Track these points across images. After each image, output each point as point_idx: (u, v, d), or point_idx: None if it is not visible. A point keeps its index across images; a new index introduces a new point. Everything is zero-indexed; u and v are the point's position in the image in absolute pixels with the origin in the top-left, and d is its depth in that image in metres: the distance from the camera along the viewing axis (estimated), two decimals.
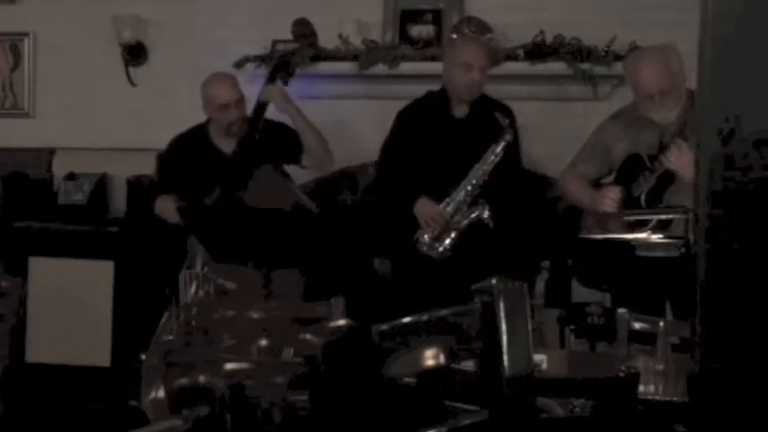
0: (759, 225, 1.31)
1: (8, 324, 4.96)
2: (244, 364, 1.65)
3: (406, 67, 4.89)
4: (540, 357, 2.51)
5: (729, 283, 1.33)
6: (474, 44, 4.33)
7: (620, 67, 4.49)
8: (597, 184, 4.12)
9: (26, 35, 5.59)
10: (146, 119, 5.29)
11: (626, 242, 3.35)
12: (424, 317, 1.58)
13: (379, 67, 4.90)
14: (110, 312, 4.93)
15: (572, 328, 3.66)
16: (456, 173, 4.16)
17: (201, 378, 1.79)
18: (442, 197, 4.16)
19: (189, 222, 4.07)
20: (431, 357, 1.57)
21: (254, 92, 4.34)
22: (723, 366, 1.34)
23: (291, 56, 4.56)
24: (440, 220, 4.14)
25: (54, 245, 5.02)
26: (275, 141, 4.24)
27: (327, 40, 4.94)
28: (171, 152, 4.45)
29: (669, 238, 3.27)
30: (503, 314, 1.57)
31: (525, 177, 4.46)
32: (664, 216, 3.60)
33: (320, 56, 4.93)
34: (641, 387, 2.30)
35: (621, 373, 2.09)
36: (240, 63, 5.01)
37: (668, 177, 3.84)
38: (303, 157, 4.34)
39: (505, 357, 1.55)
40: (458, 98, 4.22)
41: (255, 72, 4.90)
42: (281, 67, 4.40)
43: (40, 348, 5.01)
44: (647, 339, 3.00)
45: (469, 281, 1.66)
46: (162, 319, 2.46)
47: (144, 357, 2.22)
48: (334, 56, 4.94)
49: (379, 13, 5.08)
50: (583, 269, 3.78)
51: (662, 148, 3.85)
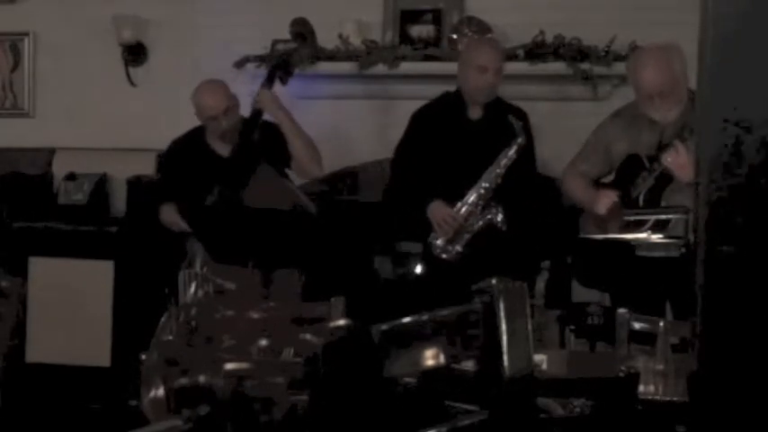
0: (759, 225, 1.31)
1: (8, 324, 4.95)
2: (244, 364, 1.65)
3: (406, 67, 4.89)
4: (540, 357, 2.51)
5: (729, 282, 1.33)
6: (488, 46, 4.33)
7: (620, 67, 4.49)
8: (597, 183, 4.12)
9: (26, 35, 5.59)
10: (146, 119, 5.29)
11: (626, 242, 3.35)
12: (424, 317, 1.58)
13: (379, 68, 4.90)
14: (110, 312, 4.93)
15: (572, 328, 3.67)
16: (470, 175, 4.16)
17: (201, 378, 1.79)
18: (456, 199, 4.16)
19: (189, 223, 4.07)
20: (431, 357, 1.57)
21: (254, 92, 4.34)
22: (723, 366, 1.34)
23: (289, 56, 4.56)
24: (453, 222, 4.14)
25: (54, 245, 5.02)
26: (273, 143, 4.24)
27: (327, 40, 4.94)
28: (169, 156, 4.48)
29: (669, 238, 3.27)
30: (503, 314, 1.57)
31: (539, 180, 4.46)
32: (663, 216, 3.60)
33: (319, 56, 4.93)
34: (641, 387, 2.30)
35: (621, 373, 2.09)
36: (240, 63, 5.01)
37: (666, 178, 3.84)
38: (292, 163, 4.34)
39: (505, 357, 1.55)
40: (473, 100, 4.23)
41: (255, 72, 4.90)
42: (278, 67, 4.40)
43: (40, 348, 5.01)
44: (647, 339, 3.00)
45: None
46: (162, 320, 2.45)
47: (144, 357, 2.22)
48: (333, 56, 4.94)
49: (379, 13, 5.08)
50: (583, 269, 3.78)
51: (660, 149, 3.85)
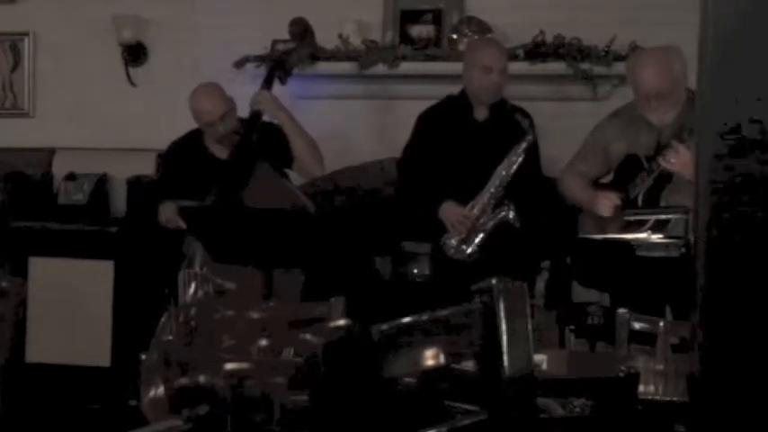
0: (759, 225, 1.31)
1: (8, 324, 4.95)
2: (244, 364, 1.65)
3: (406, 67, 4.89)
4: (540, 357, 2.51)
5: (729, 282, 1.33)
6: (493, 46, 4.34)
7: (620, 67, 4.50)
8: (596, 184, 4.12)
9: (26, 35, 5.59)
10: (146, 119, 5.29)
11: (626, 242, 3.35)
12: (424, 317, 1.58)
13: (379, 68, 4.90)
14: (110, 312, 4.93)
15: (572, 328, 3.67)
16: (478, 176, 4.16)
17: (201, 378, 1.79)
18: (464, 200, 4.17)
19: (188, 224, 4.07)
20: (431, 357, 1.57)
21: (253, 92, 4.34)
22: (723, 366, 1.34)
23: (288, 56, 4.56)
24: (466, 222, 4.14)
25: (54, 245, 5.01)
26: (271, 145, 4.24)
27: (327, 40, 4.94)
28: (167, 157, 4.49)
29: (669, 238, 3.27)
30: (503, 314, 1.57)
31: (545, 179, 4.47)
32: (663, 216, 3.60)
33: (319, 56, 4.93)
34: (641, 387, 2.30)
35: (621, 373, 2.09)
36: (240, 63, 5.01)
37: (665, 178, 3.84)
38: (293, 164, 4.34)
39: (505, 357, 1.55)
40: (478, 101, 4.23)
41: (255, 72, 4.89)
42: (277, 67, 4.40)
43: (40, 348, 5.00)
44: (647, 339, 3.00)
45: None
46: (162, 320, 2.45)
47: (144, 357, 2.22)
48: (333, 56, 4.94)
49: (379, 13, 5.08)
50: (582, 269, 3.78)
51: (659, 149, 3.85)
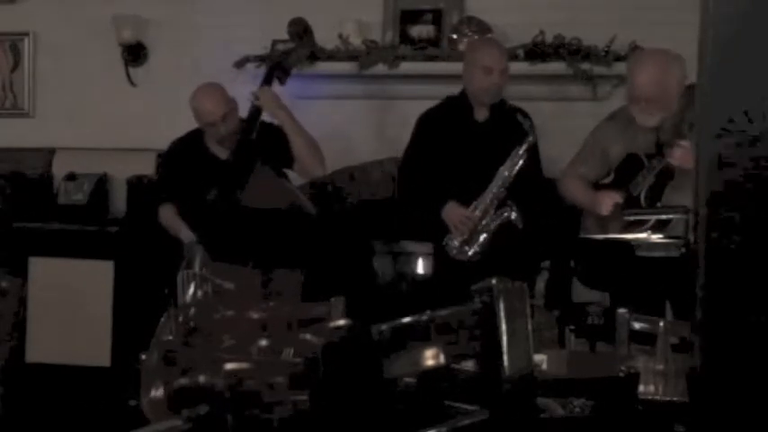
0: (759, 225, 1.31)
1: (8, 324, 4.95)
2: (244, 364, 1.65)
3: (406, 67, 4.89)
4: (540, 357, 2.51)
5: (729, 282, 1.33)
6: (494, 47, 4.33)
7: (619, 67, 4.50)
8: (596, 185, 4.12)
9: (26, 35, 5.59)
10: (146, 119, 5.29)
11: (626, 242, 3.35)
12: (424, 317, 1.58)
13: (379, 68, 4.90)
14: (110, 312, 4.93)
15: (572, 328, 3.67)
16: (479, 176, 4.17)
17: (201, 378, 1.79)
18: (465, 200, 4.17)
19: (189, 223, 4.08)
20: (431, 357, 1.57)
21: (254, 92, 4.34)
22: (723, 366, 1.34)
23: (287, 55, 4.56)
24: (469, 223, 4.14)
25: (54, 245, 5.02)
26: (271, 145, 4.24)
27: (327, 40, 4.94)
28: (168, 157, 4.50)
29: (669, 238, 3.27)
30: (503, 314, 1.57)
31: (545, 180, 4.47)
32: (664, 216, 3.61)
33: (319, 56, 4.93)
34: (641, 387, 2.30)
35: (621, 373, 2.09)
36: (240, 63, 5.01)
37: (667, 175, 3.85)
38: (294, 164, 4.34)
39: (505, 357, 1.55)
40: (478, 101, 4.23)
41: (255, 72, 4.89)
42: (276, 67, 4.41)
43: (40, 348, 5.00)
44: (647, 339, 3.00)
45: None
46: (161, 320, 2.45)
47: (144, 357, 2.21)
48: (333, 56, 4.94)
49: (379, 13, 5.08)
50: (583, 269, 3.78)
51: (660, 148, 3.86)
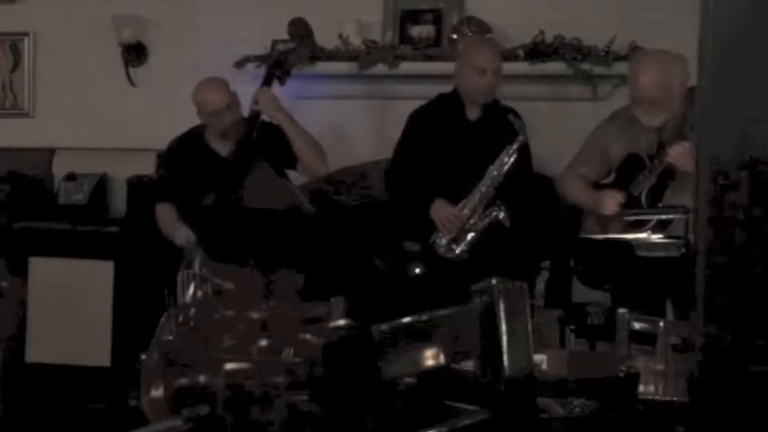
0: (759, 225, 1.31)
1: (8, 324, 4.95)
2: (244, 364, 1.64)
3: (406, 67, 4.89)
4: (540, 357, 2.51)
5: (729, 282, 1.33)
6: (487, 47, 4.34)
7: (619, 67, 4.51)
8: (597, 185, 4.12)
9: (26, 35, 5.59)
10: (146, 119, 5.29)
11: (626, 242, 3.36)
12: (424, 317, 1.58)
13: (379, 68, 4.90)
14: (110, 312, 4.92)
15: (572, 328, 3.67)
16: (469, 175, 4.16)
17: (201, 378, 1.79)
18: (454, 199, 4.17)
19: (189, 223, 4.08)
20: (431, 357, 1.57)
21: (253, 92, 4.34)
22: (723, 366, 1.34)
23: (287, 55, 4.56)
24: (457, 222, 4.14)
25: (54, 245, 5.01)
26: (272, 145, 4.24)
27: (327, 40, 4.94)
28: (168, 155, 4.50)
29: (669, 238, 3.28)
30: (503, 314, 1.57)
31: (536, 179, 4.47)
32: (664, 216, 3.61)
33: (319, 56, 4.93)
34: (641, 387, 2.30)
35: (621, 373, 2.09)
36: (240, 63, 5.01)
37: (669, 175, 3.85)
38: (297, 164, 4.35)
39: (505, 357, 1.55)
40: (470, 101, 4.23)
41: (255, 72, 4.89)
42: (275, 67, 4.41)
43: (40, 348, 5.00)
44: (647, 339, 3.00)
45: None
46: (161, 320, 2.45)
47: (144, 357, 2.21)
48: (333, 56, 4.94)
49: (379, 13, 5.08)
50: (583, 269, 3.78)
51: (661, 148, 3.86)
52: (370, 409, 1.50)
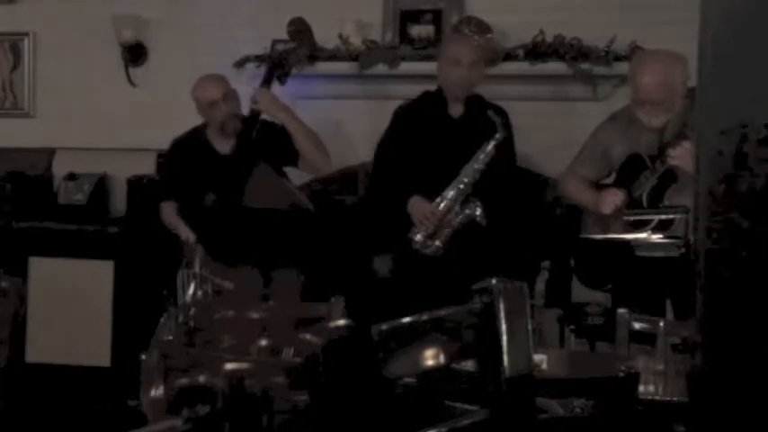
0: (759, 225, 1.31)
1: (8, 324, 4.95)
2: (244, 364, 1.65)
3: (406, 67, 4.89)
4: (540, 357, 2.51)
5: (729, 282, 1.33)
6: (462, 40, 4.31)
7: (620, 67, 4.50)
8: (598, 185, 4.12)
9: (26, 35, 5.59)
10: (146, 119, 5.29)
11: (626, 242, 3.36)
12: (424, 317, 1.58)
13: (379, 68, 4.90)
14: (110, 312, 4.93)
15: (572, 328, 3.67)
16: (451, 172, 4.16)
17: (201, 378, 1.79)
18: (437, 196, 4.17)
19: (189, 223, 4.08)
20: (431, 357, 1.57)
21: (254, 92, 4.35)
22: (723, 366, 1.34)
23: (287, 55, 4.57)
24: (432, 218, 4.14)
25: (54, 245, 5.02)
26: (272, 143, 4.25)
27: (327, 40, 4.94)
28: (170, 154, 4.52)
29: (669, 238, 3.28)
30: (503, 314, 1.57)
31: (520, 176, 4.46)
32: (664, 216, 3.61)
33: (319, 55, 4.93)
34: (641, 387, 2.30)
35: (621, 373, 2.09)
36: (240, 63, 5.01)
37: (670, 176, 3.85)
38: (299, 161, 4.36)
39: (505, 357, 1.55)
40: (451, 95, 4.23)
41: (255, 72, 4.89)
42: (275, 67, 4.42)
43: (40, 348, 5.00)
44: (647, 339, 3.00)
45: (464, 279, 1.66)
46: (161, 320, 2.45)
47: (144, 357, 2.22)
48: (333, 56, 4.94)
49: (379, 13, 5.08)
50: (583, 269, 3.79)
51: (662, 148, 3.86)
52: (370, 409, 1.50)
